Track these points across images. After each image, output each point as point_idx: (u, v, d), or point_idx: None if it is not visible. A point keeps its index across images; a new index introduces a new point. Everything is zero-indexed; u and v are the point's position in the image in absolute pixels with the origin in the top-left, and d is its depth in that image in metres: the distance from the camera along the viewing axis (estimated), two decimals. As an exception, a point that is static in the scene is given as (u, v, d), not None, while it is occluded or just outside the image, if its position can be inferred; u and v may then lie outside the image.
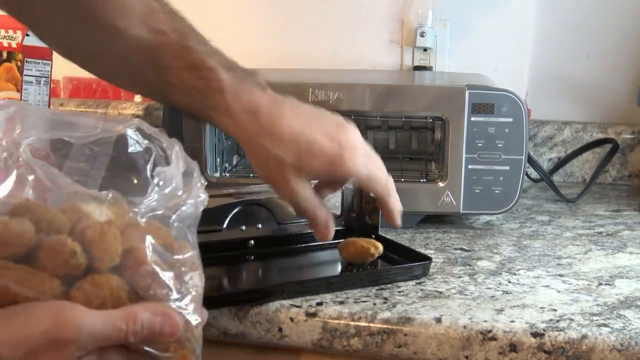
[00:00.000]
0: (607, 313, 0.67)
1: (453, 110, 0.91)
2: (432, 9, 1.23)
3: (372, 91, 0.92)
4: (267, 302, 0.69)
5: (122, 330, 0.49)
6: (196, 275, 0.53)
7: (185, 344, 0.52)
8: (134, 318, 0.49)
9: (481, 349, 0.64)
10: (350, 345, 0.66)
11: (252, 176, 0.98)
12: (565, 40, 1.25)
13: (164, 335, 0.50)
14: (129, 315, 0.49)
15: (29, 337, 0.46)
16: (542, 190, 1.15)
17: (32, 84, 0.99)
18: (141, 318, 0.49)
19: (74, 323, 0.47)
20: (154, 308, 0.51)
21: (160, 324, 0.50)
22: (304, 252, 0.83)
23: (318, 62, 1.29)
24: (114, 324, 0.49)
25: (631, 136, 1.21)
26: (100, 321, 0.48)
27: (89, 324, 0.47)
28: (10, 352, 0.46)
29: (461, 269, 0.79)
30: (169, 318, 0.51)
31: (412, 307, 0.68)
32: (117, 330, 0.49)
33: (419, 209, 0.93)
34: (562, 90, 1.26)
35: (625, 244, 0.89)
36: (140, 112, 1.38)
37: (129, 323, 0.49)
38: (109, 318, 0.49)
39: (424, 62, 1.25)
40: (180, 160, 0.57)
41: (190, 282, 0.53)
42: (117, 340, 0.49)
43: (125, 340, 0.49)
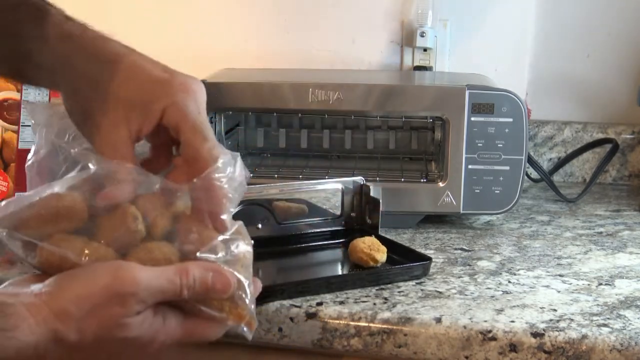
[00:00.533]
0: (607, 313, 0.67)
1: (453, 110, 0.91)
2: (432, 9, 1.23)
3: (372, 91, 0.92)
4: (267, 302, 0.69)
5: (177, 283, 0.51)
6: (243, 244, 0.56)
7: (239, 303, 0.54)
8: (187, 273, 0.51)
9: (481, 349, 0.64)
10: (350, 345, 0.66)
11: (252, 176, 0.97)
12: (565, 40, 1.25)
13: (216, 291, 0.52)
14: (182, 270, 0.51)
15: (91, 294, 0.49)
16: (542, 190, 1.15)
17: (32, 84, 0.99)
18: (193, 273, 0.51)
19: (131, 278, 0.49)
20: (206, 265, 0.53)
21: (212, 279, 0.52)
22: (304, 252, 0.83)
23: (318, 62, 1.29)
24: (169, 278, 0.50)
25: (631, 136, 1.21)
26: (156, 276, 0.50)
27: (145, 278, 0.50)
28: (76, 309, 0.48)
29: (461, 269, 0.79)
30: (221, 275, 0.53)
31: (412, 307, 0.68)
32: (172, 283, 0.51)
33: (419, 209, 0.93)
34: (562, 90, 1.26)
35: (625, 244, 0.89)
36: (140, 112, 1.38)
37: (183, 277, 0.51)
38: (163, 272, 0.51)
39: (424, 62, 1.25)
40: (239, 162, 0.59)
41: (237, 249, 0.55)
42: (173, 294, 0.51)
43: (180, 294, 0.51)
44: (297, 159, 1.06)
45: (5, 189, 0.98)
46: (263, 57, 1.31)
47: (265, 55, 1.31)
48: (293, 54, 1.31)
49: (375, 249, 0.76)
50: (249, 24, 1.32)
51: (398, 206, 0.92)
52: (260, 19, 1.33)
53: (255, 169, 1.02)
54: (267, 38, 1.32)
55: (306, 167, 1.02)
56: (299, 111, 0.98)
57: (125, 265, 0.50)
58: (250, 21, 1.33)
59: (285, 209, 0.83)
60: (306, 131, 1.08)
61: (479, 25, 1.25)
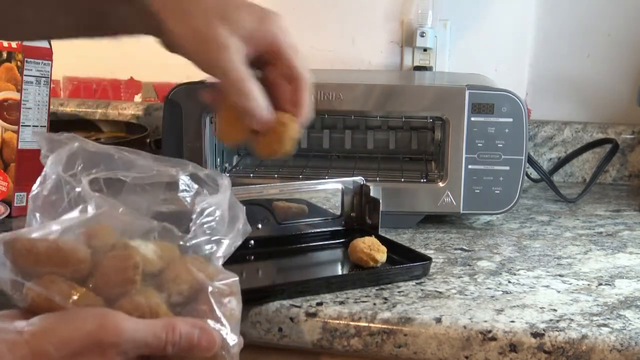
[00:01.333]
0: (607, 313, 0.67)
1: (453, 110, 0.91)
2: (432, 9, 1.23)
3: (372, 91, 0.92)
4: (267, 302, 0.69)
5: (162, 339, 0.50)
6: (234, 299, 0.55)
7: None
8: (173, 328, 0.50)
9: (481, 349, 0.64)
10: (350, 345, 0.66)
11: (252, 176, 0.98)
12: (565, 40, 1.25)
13: (201, 348, 0.52)
14: (169, 325, 0.50)
15: (73, 339, 0.48)
16: (542, 190, 1.15)
17: (32, 84, 0.99)
18: (180, 329, 0.51)
19: (115, 327, 0.48)
20: (193, 321, 0.52)
21: (198, 337, 0.51)
22: (304, 252, 0.83)
23: (318, 62, 1.29)
24: (154, 332, 0.50)
25: (631, 136, 1.21)
26: (142, 328, 0.49)
27: (130, 330, 0.49)
28: (55, 352, 0.47)
29: (461, 269, 0.79)
30: (207, 332, 0.52)
31: (412, 307, 0.68)
32: (157, 338, 0.50)
33: (419, 209, 0.93)
34: (562, 90, 1.26)
35: (625, 244, 0.89)
36: (140, 112, 1.38)
37: (169, 333, 0.50)
38: (149, 326, 0.50)
39: (424, 62, 1.25)
40: (228, 192, 0.59)
41: (228, 305, 0.54)
42: (157, 348, 0.50)
43: (164, 349, 0.50)
44: (297, 159, 1.06)
45: (5, 189, 0.98)
46: (263, 57, 1.31)
47: (265, 55, 1.31)
48: (293, 54, 1.31)
49: (375, 249, 0.76)
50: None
51: (398, 206, 0.92)
52: (260, 19, 1.33)
53: (255, 169, 1.02)
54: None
55: (306, 167, 1.02)
56: (299, 111, 0.98)
57: (112, 314, 0.49)
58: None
59: (286, 209, 0.83)
60: (306, 131, 1.08)
61: (479, 25, 1.25)
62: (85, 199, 0.55)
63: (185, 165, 0.61)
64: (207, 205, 0.57)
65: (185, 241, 0.55)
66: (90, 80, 1.44)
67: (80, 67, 1.42)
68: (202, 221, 0.56)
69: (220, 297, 0.54)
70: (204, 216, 0.56)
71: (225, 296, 0.54)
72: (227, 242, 0.57)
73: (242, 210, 0.60)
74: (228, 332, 0.54)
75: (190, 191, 0.61)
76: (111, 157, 0.59)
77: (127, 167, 0.59)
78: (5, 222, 0.95)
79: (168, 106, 0.93)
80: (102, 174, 0.58)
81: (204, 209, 0.56)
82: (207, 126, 0.94)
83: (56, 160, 0.57)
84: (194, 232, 0.55)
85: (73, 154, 0.58)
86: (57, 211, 0.55)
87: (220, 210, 0.57)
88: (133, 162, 0.60)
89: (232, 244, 0.58)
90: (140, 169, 0.60)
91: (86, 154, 0.58)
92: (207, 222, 0.56)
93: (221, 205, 0.58)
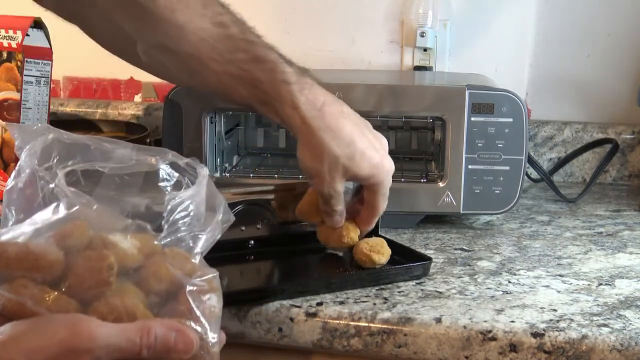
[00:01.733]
0: (607, 313, 0.67)
1: (453, 110, 0.91)
2: (432, 9, 1.23)
3: (372, 91, 0.92)
4: (267, 302, 0.69)
5: (136, 343, 0.49)
6: (214, 296, 0.54)
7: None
8: (148, 332, 0.49)
9: (481, 349, 0.64)
10: (350, 345, 0.66)
11: (252, 176, 0.98)
12: (565, 40, 1.25)
13: (177, 351, 0.51)
14: (144, 328, 0.49)
15: (44, 347, 0.47)
16: (542, 190, 1.15)
17: (32, 84, 0.99)
18: (155, 332, 0.50)
19: (88, 334, 0.47)
20: (169, 323, 0.51)
21: (175, 339, 0.50)
22: (304, 252, 0.83)
23: (318, 62, 1.28)
24: (129, 337, 0.49)
25: (631, 136, 1.21)
26: (115, 333, 0.48)
27: (103, 335, 0.48)
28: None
29: (461, 269, 0.79)
30: (184, 334, 0.51)
31: (412, 307, 0.68)
32: (132, 343, 0.49)
33: (419, 209, 0.93)
34: (562, 90, 1.26)
35: (625, 244, 0.89)
36: (140, 112, 1.38)
37: (143, 336, 0.49)
38: (123, 331, 0.49)
39: (424, 62, 1.25)
40: (204, 182, 0.58)
41: (208, 302, 0.53)
42: (132, 353, 0.49)
43: (139, 353, 0.49)
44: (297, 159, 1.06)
45: (5, 189, 0.98)
46: (263, 57, 1.31)
47: (265, 55, 1.31)
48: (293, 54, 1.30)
49: (375, 251, 0.76)
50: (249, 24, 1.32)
51: (398, 206, 0.92)
52: (260, 19, 1.32)
53: (255, 169, 1.02)
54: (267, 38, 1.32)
55: (306, 167, 1.02)
56: (299, 111, 0.98)
57: (85, 319, 0.48)
58: (250, 21, 1.32)
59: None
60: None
61: (479, 26, 1.25)
62: (59, 196, 0.53)
63: (165, 154, 0.60)
64: (180, 200, 0.55)
65: (159, 240, 0.54)
66: (90, 80, 1.44)
67: (80, 67, 1.42)
68: (175, 217, 0.55)
69: (199, 294, 0.53)
70: (177, 212, 0.55)
71: (204, 293, 0.53)
72: (204, 237, 0.56)
73: (221, 201, 0.58)
74: (207, 331, 0.52)
75: (170, 180, 0.60)
76: (88, 148, 0.58)
77: (105, 157, 0.58)
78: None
79: (168, 106, 0.93)
80: (78, 166, 0.57)
81: (175, 205, 0.55)
82: (207, 126, 0.94)
83: (31, 152, 0.56)
84: (167, 230, 0.54)
85: (48, 145, 0.56)
86: (33, 206, 0.54)
87: (195, 204, 0.56)
88: (111, 151, 0.58)
89: (211, 238, 0.57)
90: (119, 158, 0.58)
91: (62, 145, 0.57)
92: (180, 218, 0.55)
93: (195, 198, 0.56)
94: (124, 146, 0.59)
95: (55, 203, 0.53)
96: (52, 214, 0.52)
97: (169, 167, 0.60)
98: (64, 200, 0.53)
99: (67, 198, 0.53)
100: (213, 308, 0.54)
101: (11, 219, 0.54)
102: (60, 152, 0.57)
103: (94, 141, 0.58)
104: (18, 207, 0.54)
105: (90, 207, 0.53)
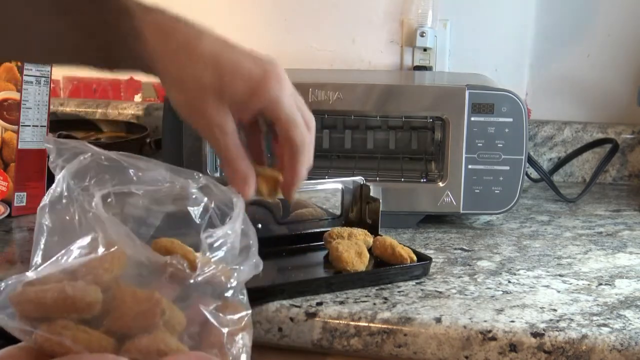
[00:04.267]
0: (607, 313, 0.67)
1: (453, 110, 0.91)
2: (432, 9, 1.23)
3: (372, 91, 0.92)
4: (267, 302, 0.69)
5: None
6: (246, 335, 0.54)
7: None
8: None
9: (481, 349, 0.64)
10: (350, 345, 0.66)
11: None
12: (565, 40, 1.25)
13: None
14: None
15: None
16: (542, 190, 1.15)
17: (32, 84, 0.99)
18: None
19: None
20: (196, 356, 0.50)
21: None
22: (304, 252, 0.83)
23: (318, 62, 1.29)
24: None
25: (631, 136, 1.21)
26: None
27: None
28: None
29: (461, 269, 0.79)
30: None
31: (412, 307, 0.68)
32: None
33: (419, 209, 0.93)
34: (562, 90, 1.26)
35: (625, 244, 0.89)
36: (140, 112, 1.38)
37: None
38: None
39: (424, 62, 1.25)
40: (238, 221, 0.57)
41: (240, 341, 0.53)
42: None
43: None
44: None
45: (5, 189, 0.98)
46: (263, 57, 1.31)
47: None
48: (293, 54, 1.31)
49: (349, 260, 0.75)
50: (249, 24, 1.32)
51: (398, 206, 0.92)
52: (260, 19, 1.33)
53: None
54: (267, 38, 1.32)
55: (306, 167, 1.02)
56: (299, 111, 0.98)
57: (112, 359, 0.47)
58: (250, 21, 1.33)
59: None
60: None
61: (479, 25, 1.25)
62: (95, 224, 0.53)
63: (198, 178, 0.60)
64: (215, 237, 0.55)
65: (194, 278, 0.53)
66: (90, 80, 1.44)
67: (80, 67, 1.42)
68: (210, 255, 0.54)
69: (232, 337, 0.53)
70: (213, 250, 0.54)
71: (236, 334, 0.53)
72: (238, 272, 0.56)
73: (254, 236, 0.58)
74: None
75: (199, 203, 0.59)
76: (124, 170, 0.58)
77: (139, 178, 0.58)
78: (5, 221, 0.95)
79: (168, 106, 0.93)
80: (114, 189, 0.57)
81: (211, 243, 0.54)
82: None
83: (68, 171, 0.56)
84: (200, 269, 0.53)
85: (85, 165, 0.56)
86: (67, 228, 0.54)
87: (230, 241, 0.56)
88: (145, 172, 0.58)
89: (246, 274, 0.56)
90: (152, 181, 0.58)
91: (98, 165, 0.57)
92: (216, 256, 0.55)
93: (230, 236, 0.56)
94: (159, 166, 0.59)
95: (93, 235, 0.52)
96: (89, 250, 0.52)
97: (200, 191, 0.60)
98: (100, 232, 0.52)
99: (104, 230, 0.52)
100: (245, 347, 0.54)
101: (43, 238, 0.54)
102: (97, 173, 0.56)
103: (129, 161, 0.58)
104: (51, 227, 0.54)
105: (128, 244, 0.52)
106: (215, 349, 0.52)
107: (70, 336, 0.48)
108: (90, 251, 0.52)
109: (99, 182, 0.56)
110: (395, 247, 0.76)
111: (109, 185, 0.57)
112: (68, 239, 0.53)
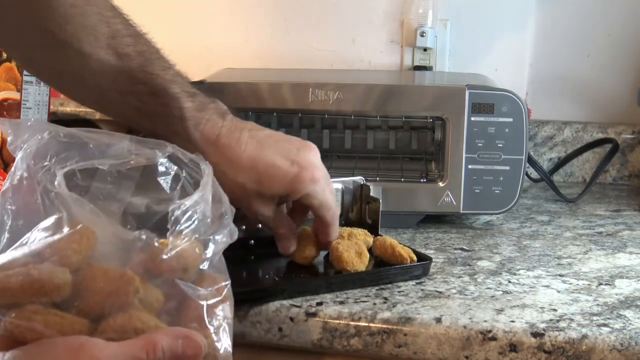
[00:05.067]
0: (607, 313, 0.67)
1: (453, 110, 0.91)
2: (432, 9, 1.23)
3: (372, 91, 0.92)
4: (267, 302, 0.69)
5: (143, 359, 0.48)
6: (227, 307, 0.53)
7: None
8: (154, 346, 0.48)
9: (481, 349, 0.64)
10: (350, 345, 0.66)
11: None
12: (565, 40, 1.25)
13: (186, 357, 0.50)
14: (149, 343, 0.48)
15: None
16: (542, 190, 1.15)
17: (32, 84, 0.99)
18: (161, 345, 0.48)
19: (91, 358, 0.46)
20: (174, 332, 0.50)
21: (182, 346, 0.49)
22: (304, 252, 0.83)
23: (318, 62, 1.29)
24: (134, 355, 0.48)
25: (631, 136, 1.21)
26: (121, 353, 0.47)
27: (108, 358, 0.47)
28: None
29: (461, 269, 0.79)
30: (191, 340, 0.50)
31: (412, 307, 0.68)
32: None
33: (419, 209, 0.93)
34: (562, 90, 1.26)
35: (625, 244, 0.89)
36: (140, 112, 1.38)
37: (150, 352, 0.48)
38: (129, 350, 0.48)
39: (424, 62, 1.25)
40: (207, 188, 0.56)
41: (221, 313, 0.52)
42: None
43: None
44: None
45: (5, 189, 0.98)
46: (263, 57, 1.31)
47: (265, 55, 1.31)
48: (293, 54, 1.31)
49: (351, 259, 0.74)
50: (250, 24, 1.32)
51: (398, 206, 0.92)
52: (260, 19, 1.33)
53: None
54: (267, 38, 1.32)
55: (306, 167, 1.02)
56: (299, 111, 0.98)
57: (89, 344, 0.47)
58: (250, 21, 1.33)
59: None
60: (306, 131, 1.08)
61: (479, 25, 1.25)
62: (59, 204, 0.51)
63: (164, 146, 0.59)
64: (184, 208, 0.53)
65: (166, 253, 0.52)
66: (90, 80, 1.44)
67: (80, 67, 1.42)
68: (180, 228, 0.53)
69: (212, 309, 0.52)
70: (182, 222, 0.53)
71: (216, 306, 0.52)
72: (212, 242, 0.54)
73: (227, 202, 0.57)
74: (221, 340, 0.52)
75: (169, 174, 0.58)
76: (85, 145, 0.56)
77: (103, 152, 0.57)
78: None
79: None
80: (77, 165, 0.55)
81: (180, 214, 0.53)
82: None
83: (26, 152, 0.54)
84: (172, 243, 0.52)
85: (45, 144, 0.54)
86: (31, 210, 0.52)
87: (200, 210, 0.54)
88: (109, 146, 0.57)
89: (221, 243, 0.55)
90: (117, 153, 0.57)
91: (58, 143, 0.55)
92: (186, 228, 0.53)
93: (199, 204, 0.54)
94: (122, 139, 0.58)
95: (57, 215, 0.51)
96: (54, 230, 0.50)
97: (168, 160, 0.59)
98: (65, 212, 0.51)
99: (69, 210, 0.51)
100: (227, 319, 0.53)
101: (8, 222, 0.52)
102: (57, 151, 0.55)
103: (90, 136, 0.57)
104: (15, 211, 0.53)
105: (94, 222, 0.51)
106: (194, 323, 0.51)
107: (41, 321, 0.47)
108: (54, 232, 0.50)
109: (61, 161, 0.54)
110: (395, 247, 0.76)
111: (73, 163, 0.55)
112: (33, 222, 0.51)
